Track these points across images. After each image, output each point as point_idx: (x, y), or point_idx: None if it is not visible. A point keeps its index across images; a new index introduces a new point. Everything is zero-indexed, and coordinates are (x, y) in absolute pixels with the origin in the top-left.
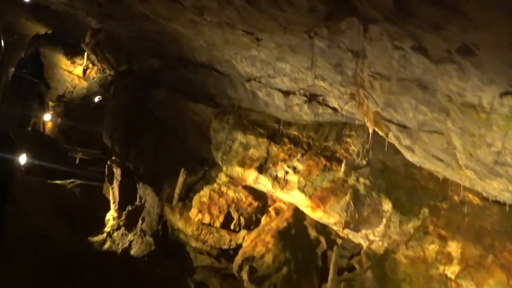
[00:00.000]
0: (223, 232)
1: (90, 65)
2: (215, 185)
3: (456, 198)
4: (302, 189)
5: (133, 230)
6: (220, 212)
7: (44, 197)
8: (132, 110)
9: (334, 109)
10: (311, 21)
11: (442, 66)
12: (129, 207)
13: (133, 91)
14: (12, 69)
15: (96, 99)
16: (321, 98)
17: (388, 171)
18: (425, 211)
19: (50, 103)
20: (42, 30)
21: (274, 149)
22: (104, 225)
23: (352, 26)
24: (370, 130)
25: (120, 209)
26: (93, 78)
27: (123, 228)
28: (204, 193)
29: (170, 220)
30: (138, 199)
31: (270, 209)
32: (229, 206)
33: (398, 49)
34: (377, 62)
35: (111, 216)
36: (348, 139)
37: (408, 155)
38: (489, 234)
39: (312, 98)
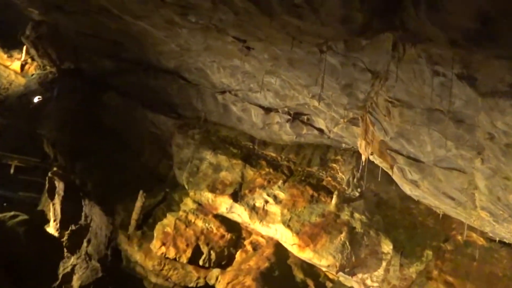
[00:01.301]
0: (190, 268)
1: (29, 60)
2: (180, 213)
3: (459, 238)
4: (287, 224)
5: (76, 253)
6: (187, 246)
7: None
8: (79, 115)
9: (320, 130)
10: (336, 32)
11: (493, 100)
12: (73, 227)
13: (81, 93)
14: None
15: (36, 99)
16: (305, 117)
17: (383, 205)
18: (428, 253)
19: None
20: None
21: (250, 172)
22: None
23: (379, 43)
24: (364, 158)
25: (61, 228)
26: (32, 75)
27: (65, 250)
28: (168, 222)
29: (125, 251)
30: (83, 218)
31: (246, 243)
32: (197, 238)
33: (437, 75)
34: (400, 87)
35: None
36: (334, 165)
37: (406, 188)
38: (500, 281)
39: (295, 117)
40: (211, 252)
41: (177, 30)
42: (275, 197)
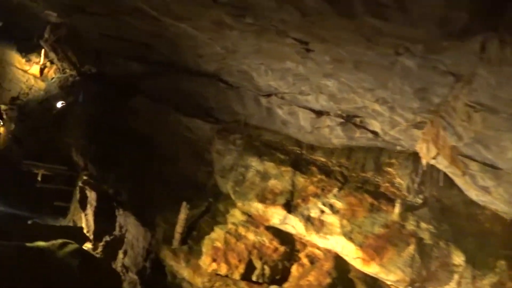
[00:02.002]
0: (243, 284)
1: (48, 64)
2: (229, 226)
3: None
4: (348, 236)
5: (112, 265)
6: (239, 261)
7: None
8: (107, 121)
9: (375, 133)
10: (427, 35)
11: None
12: (107, 238)
13: (106, 98)
14: None
15: (59, 104)
16: (358, 120)
17: (448, 211)
18: (501, 263)
19: (2, 106)
20: None
21: (301, 180)
22: None
23: (464, 44)
24: (424, 162)
25: (95, 240)
26: (52, 79)
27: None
28: (217, 236)
29: (171, 266)
30: (117, 229)
31: (301, 255)
32: (250, 252)
33: None
34: (485, 91)
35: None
36: (390, 169)
37: (472, 194)
38: None
39: (348, 119)
40: (265, 266)
41: (225, 32)
42: (331, 206)
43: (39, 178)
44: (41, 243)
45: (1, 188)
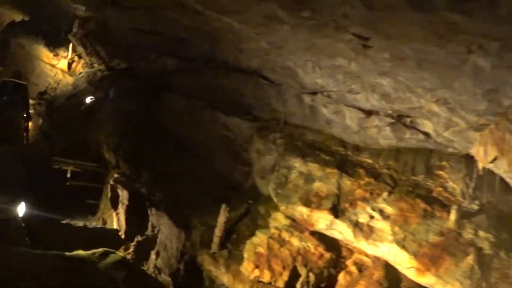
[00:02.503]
0: None
1: (76, 58)
2: (272, 230)
3: None
4: (401, 244)
5: (144, 266)
6: (283, 268)
7: None
8: (139, 119)
9: (426, 134)
10: (509, 31)
11: None
12: (139, 238)
13: (138, 95)
14: None
15: (88, 99)
16: (408, 120)
17: (504, 218)
18: None
19: (30, 101)
20: (18, 17)
21: (347, 182)
22: None
23: None
24: (480, 166)
25: (127, 239)
26: (80, 73)
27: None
28: (259, 241)
29: (210, 271)
30: (149, 229)
31: (348, 263)
32: (294, 259)
33: None
34: None
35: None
36: (441, 172)
37: None
38: None
39: (398, 120)
40: (310, 274)
41: (275, 27)
42: (381, 212)
43: (68, 175)
44: (81, 252)
45: (31, 184)
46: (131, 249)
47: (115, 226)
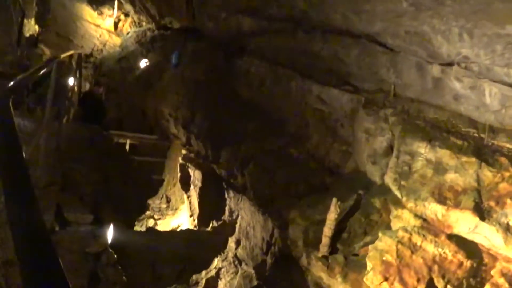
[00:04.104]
0: None
1: (122, 17)
2: (401, 233)
3: None
4: None
5: (221, 254)
6: (418, 280)
7: None
8: (211, 88)
9: None
10: None
11: None
12: (214, 223)
13: (208, 60)
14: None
15: (142, 63)
16: None
17: None
18: None
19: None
20: None
21: (488, 174)
22: None
23: None
24: None
25: (200, 225)
26: (128, 33)
27: None
28: (386, 247)
29: (319, 278)
30: (227, 213)
31: (493, 273)
32: (430, 269)
33: None
34: None
35: None
36: None
37: None
38: None
39: None
40: (448, 286)
41: None
42: None
43: (127, 148)
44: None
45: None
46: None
47: (186, 210)
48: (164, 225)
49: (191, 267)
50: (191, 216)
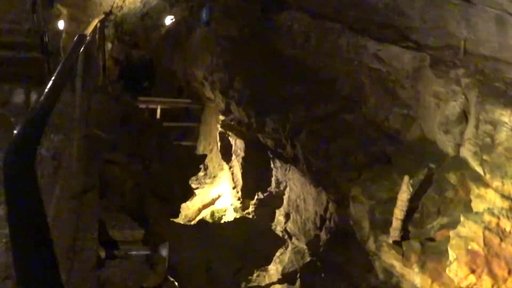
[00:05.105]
0: None
1: None
2: (486, 217)
3: None
4: None
5: (269, 228)
6: (509, 272)
7: None
8: (248, 47)
9: None
10: None
11: None
12: (260, 195)
13: (242, 15)
14: None
15: (168, 20)
16: None
17: None
18: None
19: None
20: None
21: None
22: None
23: None
24: None
25: (244, 197)
26: None
27: None
28: (471, 233)
29: (391, 266)
30: (273, 184)
31: None
32: None
33: None
34: None
35: (230, 206)
36: None
37: None
38: None
39: None
40: None
41: None
42: None
43: (157, 115)
44: None
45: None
46: (250, 209)
47: (228, 181)
48: (203, 194)
49: (249, 264)
50: (234, 188)
